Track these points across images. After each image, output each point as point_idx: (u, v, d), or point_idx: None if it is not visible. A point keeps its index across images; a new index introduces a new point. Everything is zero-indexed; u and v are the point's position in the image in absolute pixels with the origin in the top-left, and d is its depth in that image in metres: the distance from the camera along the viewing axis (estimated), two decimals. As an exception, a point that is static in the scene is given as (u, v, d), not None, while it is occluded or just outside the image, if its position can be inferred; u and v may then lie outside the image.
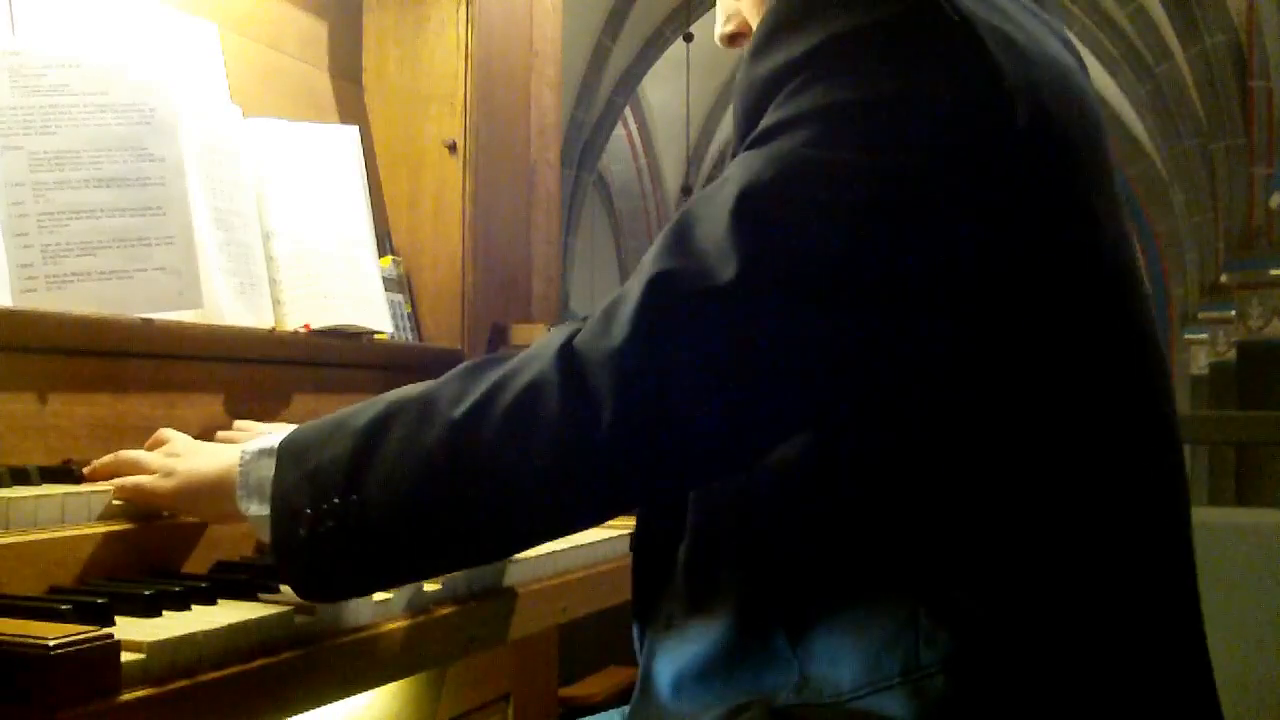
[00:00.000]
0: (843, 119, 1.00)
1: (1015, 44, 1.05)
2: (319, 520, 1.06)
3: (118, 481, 1.26)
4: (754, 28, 1.22)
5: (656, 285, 1.02)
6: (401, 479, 1.05)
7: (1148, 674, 1.07)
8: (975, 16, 1.03)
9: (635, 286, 1.03)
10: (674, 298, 1.01)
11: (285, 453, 1.11)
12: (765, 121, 1.04)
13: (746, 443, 1.05)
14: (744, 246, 0.99)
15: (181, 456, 1.26)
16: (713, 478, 1.11)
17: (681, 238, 1.03)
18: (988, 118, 1.01)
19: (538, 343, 1.07)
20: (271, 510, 1.10)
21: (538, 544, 1.20)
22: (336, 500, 1.06)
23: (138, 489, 1.25)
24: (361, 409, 1.11)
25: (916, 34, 1.02)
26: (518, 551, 1.23)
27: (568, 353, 1.03)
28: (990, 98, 1.01)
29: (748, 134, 1.07)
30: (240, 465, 1.15)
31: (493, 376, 1.06)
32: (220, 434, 1.44)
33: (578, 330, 1.05)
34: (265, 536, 1.12)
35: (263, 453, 1.14)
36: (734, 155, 1.09)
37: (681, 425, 1.01)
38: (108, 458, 1.30)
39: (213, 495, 1.19)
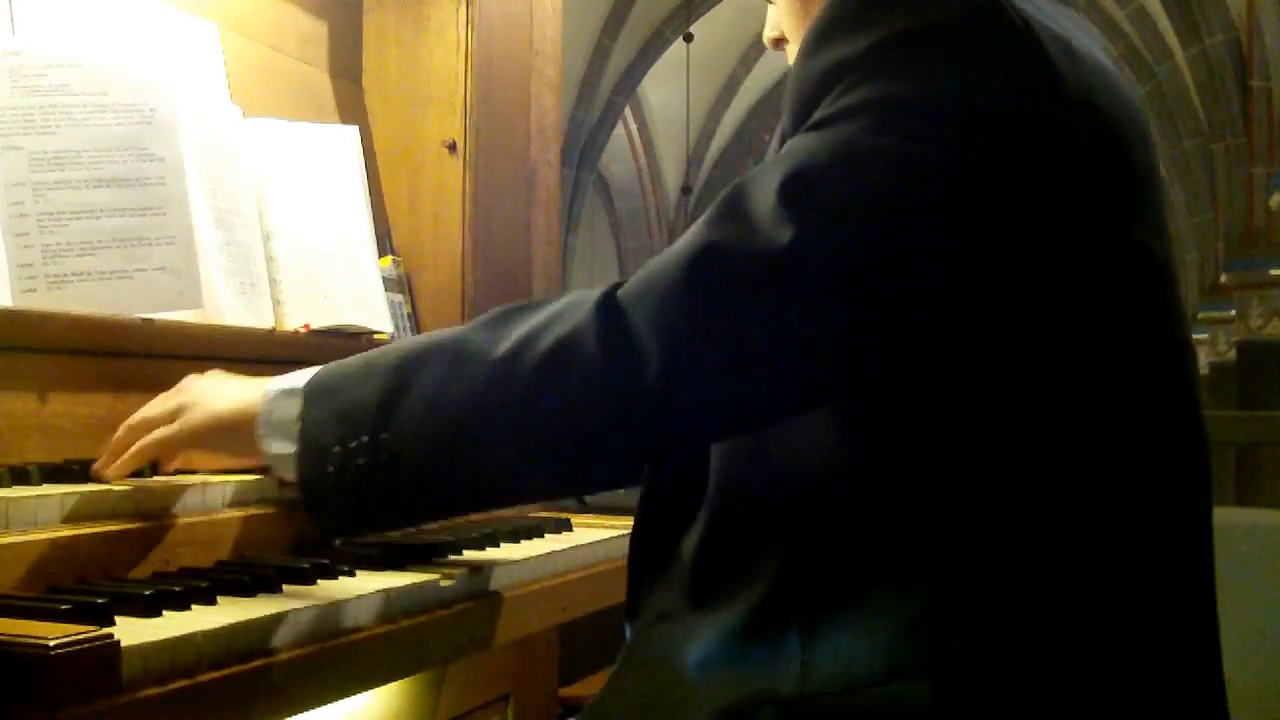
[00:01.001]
0: (901, 110, 1.02)
1: (1072, 50, 1.07)
2: (348, 457, 1.07)
3: (137, 446, 1.26)
4: (791, 38, 1.27)
5: (706, 249, 1.04)
6: (436, 418, 1.07)
7: (1162, 667, 1.07)
8: (1036, 22, 1.05)
9: (683, 249, 1.05)
10: (722, 262, 1.03)
11: (313, 392, 1.11)
12: (822, 111, 1.06)
13: (778, 403, 1.07)
14: (795, 221, 1.01)
15: (196, 399, 1.26)
16: (739, 434, 1.12)
17: (733, 208, 1.05)
18: (1046, 121, 1.03)
19: (574, 295, 1.09)
20: (299, 447, 1.10)
21: (564, 494, 1.21)
22: (366, 438, 1.07)
23: (157, 442, 1.25)
24: (389, 349, 1.12)
25: (978, 36, 1.04)
26: (542, 498, 1.24)
27: (610, 304, 1.05)
28: (1048, 102, 1.03)
29: (796, 121, 1.08)
30: (262, 405, 1.15)
31: (530, 322, 1.07)
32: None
33: (618, 285, 1.07)
34: (288, 475, 1.13)
35: (286, 393, 1.14)
36: (781, 142, 1.11)
37: (718, 384, 1.04)
38: (120, 432, 1.30)
39: (231, 434, 1.20)
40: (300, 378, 1.14)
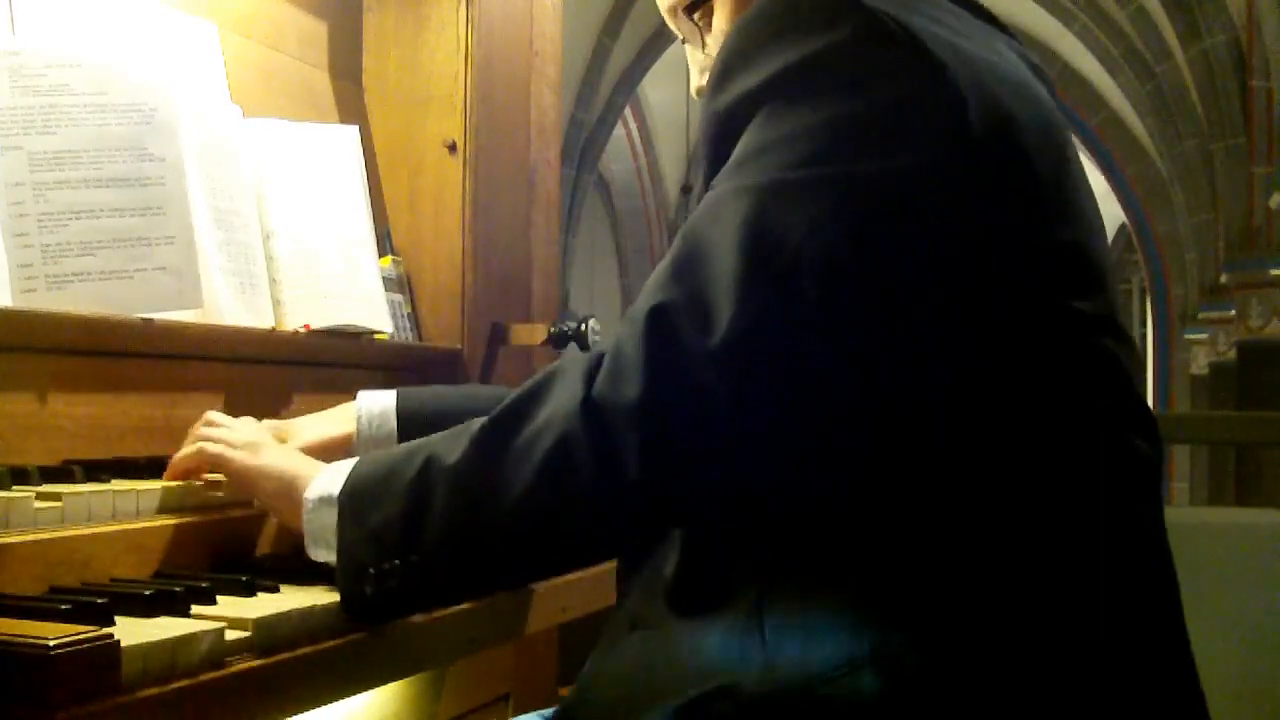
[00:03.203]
0: (809, 140, 1.07)
1: (961, 50, 1.11)
2: (383, 578, 1.18)
3: (200, 448, 1.35)
4: None
5: (659, 326, 1.08)
6: (454, 542, 1.17)
7: (1118, 659, 1.10)
8: (918, 28, 1.09)
9: (641, 315, 1.09)
10: (678, 342, 1.08)
11: (345, 509, 1.21)
12: (737, 153, 1.10)
13: (761, 478, 1.12)
14: (739, 290, 1.06)
15: (265, 446, 1.34)
16: (727, 506, 1.16)
17: (679, 272, 1.10)
18: (943, 122, 1.07)
19: (558, 391, 1.13)
20: (339, 566, 1.20)
21: (575, 571, 1.37)
22: (397, 561, 1.17)
23: (220, 458, 1.33)
24: (405, 459, 1.19)
25: (865, 52, 1.08)
26: (555, 577, 1.43)
27: (591, 408, 1.09)
28: (943, 102, 1.07)
29: (714, 162, 1.14)
30: (305, 514, 1.23)
31: (522, 434, 1.13)
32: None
33: (593, 374, 1.11)
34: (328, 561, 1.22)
35: (323, 501, 1.22)
36: (705, 185, 1.15)
37: (697, 468, 1.10)
38: (199, 428, 1.39)
39: (275, 501, 1.30)
40: (335, 481, 1.22)
